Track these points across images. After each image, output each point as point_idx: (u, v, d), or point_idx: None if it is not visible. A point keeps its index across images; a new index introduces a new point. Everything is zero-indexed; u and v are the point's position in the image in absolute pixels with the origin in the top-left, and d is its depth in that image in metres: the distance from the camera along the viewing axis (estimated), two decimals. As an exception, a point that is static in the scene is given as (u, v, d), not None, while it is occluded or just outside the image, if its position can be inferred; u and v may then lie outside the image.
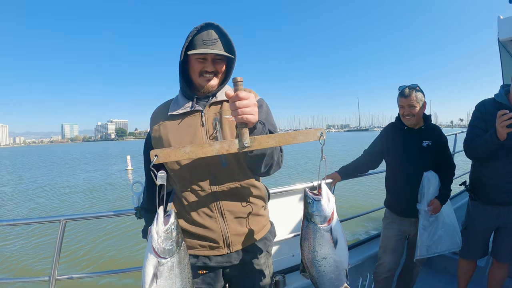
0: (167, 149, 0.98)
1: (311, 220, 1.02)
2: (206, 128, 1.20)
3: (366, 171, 2.41)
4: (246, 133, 0.99)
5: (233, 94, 0.96)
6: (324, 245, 1.02)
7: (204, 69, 1.18)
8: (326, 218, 1.00)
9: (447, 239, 2.13)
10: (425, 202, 2.07)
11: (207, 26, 1.17)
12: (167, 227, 0.91)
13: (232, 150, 0.99)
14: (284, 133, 1.01)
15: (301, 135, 1.02)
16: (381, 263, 2.27)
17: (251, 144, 0.99)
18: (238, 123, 0.98)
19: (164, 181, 0.98)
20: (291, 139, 1.01)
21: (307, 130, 1.03)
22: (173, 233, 0.92)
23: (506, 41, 2.72)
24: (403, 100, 2.11)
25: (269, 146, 1.02)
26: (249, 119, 0.96)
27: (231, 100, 0.96)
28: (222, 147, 0.99)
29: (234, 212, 1.21)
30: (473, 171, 2.16)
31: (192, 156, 0.99)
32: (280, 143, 1.01)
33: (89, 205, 10.74)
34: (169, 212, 0.95)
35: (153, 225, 0.91)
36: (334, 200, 1.03)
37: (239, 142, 0.99)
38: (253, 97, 0.99)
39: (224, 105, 1.24)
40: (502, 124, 1.68)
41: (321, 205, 1.00)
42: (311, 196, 1.02)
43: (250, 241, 1.24)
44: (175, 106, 1.26)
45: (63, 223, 1.65)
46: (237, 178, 1.21)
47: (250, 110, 0.96)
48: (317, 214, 1.01)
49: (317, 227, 1.01)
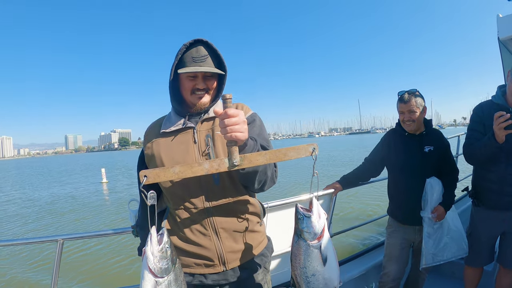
0: (156, 170, 0.98)
1: (301, 236, 1.01)
2: (199, 144, 1.20)
3: (367, 179, 2.38)
4: (236, 151, 0.98)
5: (222, 112, 0.95)
6: (313, 262, 1.00)
7: (196, 86, 1.18)
8: (316, 235, 0.99)
9: (453, 245, 2.08)
10: (428, 209, 2.03)
11: (196, 43, 1.17)
12: (161, 247, 0.92)
13: (222, 169, 0.99)
14: (275, 150, 1.01)
15: (292, 151, 1.01)
16: (385, 272, 2.22)
17: (241, 162, 0.98)
18: (228, 141, 0.97)
19: (155, 201, 0.99)
20: (282, 156, 1.00)
21: (299, 146, 1.02)
22: (167, 252, 0.93)
23: (506, 39, 2.65)
24: (402, 105, 2.08)
25: (259, 164, 1.01)
26: (238, 136, 0.95)
27: (220, 118, 0.96)
28: (211, 166, 0.99)
29: (228, 229, 1.19)
30: (475, 176, 2.11)
31: (181, 176, 0.99)
32: (271, 160, 1.00)
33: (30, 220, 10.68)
34: (162, 231, 0.95)
35: (147, 246, 0.91)
36: (325, 217, 1.02)
37: (229, 161, 0.98)
38: (242, 114, 0.98)
39: (216, 121, 1.23)
40: (500, 126, 1.65)
41: (311, 221, 0.99)
42: (301, 212, 1.01)
43: (246, 258, 1.23)
44: (167, 124, 1.26)
45: (61, 242, 1.64)
46: (230, 195, 1.20)
47: (239, 128, 0.95)
48: (306, 230, 0.99)
49: (307, 243, 1.00)
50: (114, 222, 9.46)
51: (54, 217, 10.92)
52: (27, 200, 15.63)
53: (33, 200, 15.25)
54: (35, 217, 11.09)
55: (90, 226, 9.33)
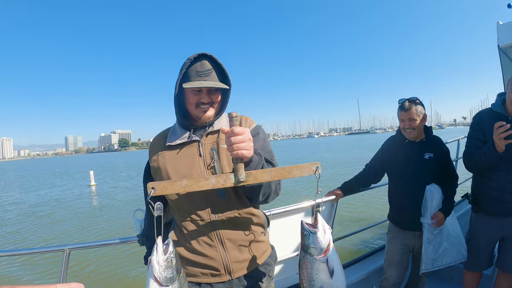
0: (164, 182, 1.01)
1: (308, 252, 1.04)
2: (204, 158, 1.22)
3: (368, 185, 2.41)
4: (242, 168, 1.01)
5: (228, 130, 0.98)
6: (320, 275, 1.03)
7: (200, 100, 1.20)
8: (322, 250, 1.02)
9: (452, 251, 2.12)
10: (428, 216, 2.06)
11: (200, 57, 1.18)
12: (167, 256, 0.94)
13: (227, 184, 1.02)
14: (279, 168, 1.04)
15: (296, 169, 1.05)
16: (386, 277, 2.26)
17: (247, 179, 1.01)
18: (234, 158, 1.00)
19: (161, 212, 1.01)
20: (287, 173, 1.04)
21: (303, 165, 1.05)
22: (173, 262, 0.95)
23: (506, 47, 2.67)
24: (403, 113, 2.11)
25: (264, 181, 1.04)
26: (244, 154, 0.98)
27: (227, 136, 0.98)
28: (217, 182, 1.02)
29: (233, 240, 1.23)
30: (474, 183, 2.14)
31: (188, 189, 1.02)
32: (276, 177, 1.04)
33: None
34: (167, 241, 0.98)
35: (153, 255, 0.93)
36: (331, 232, 1.05)
37: (235, 177, 1.01)
38: (248, 132, 1.01)
39: (221, 134, 1.25)
40: (500, 136, 1.68)
41: (317, 237, 1.02)
42: (307, 229, 1.04)
43: (251, 267, 1.26)
44: (172, 137, 1.27)
45: (67, 252, 1.65)
46: (235, 207, 1.23)
47: (245, 146, 0.98)
48: (313, 246, 1.02)
49: (314, 258, 1.03)
50: (92, 226, 9.47)
51: (33, 220, 10.97)
52: (12, 203, 15.62)
53: (18, 203, 15.23)
54: (14, 220, 11.12)
55: (66, 230, 9.30)
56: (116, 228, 9.25)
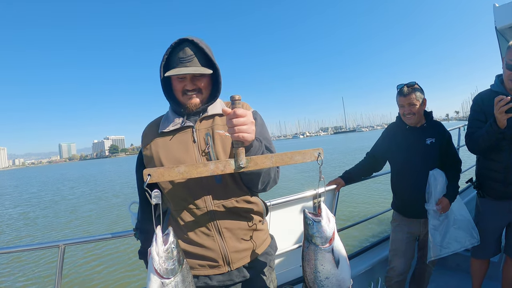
0: (161, 169, 0.96)
1: (312, 241, 0.99)
2: (198, 144, 1.18)
3: (370, 174, 2.36)
4: (242, 153, 0.96)
5: (230, 111, 0.94)
6: (326, 266, 0.98)
7: (185, 88, 1.16)
8: (327, 239, 0.97)
9: (462, 235, 2.06)
10: (433, 202, 2.01)
11: (182, 42, 1.14)
12: (167, 247, 0.89)
13: (227, 170, 0.97)
14: (281, 153, 0.99)
15: (298, 155, 1.00)
16: (392, 267, 2.21)
17: (247, 164, 0.97)
18: (234, 142, 0.96)
19: (159, 200, 0.96)
20: (288, 159, 0.99)
21: (305, 150, 1.01)
22: (173, 252, 0.90)
23: (503, 29, 2.63)
24: (402, 99, 2.06)
25: (265, 166, 0.99)
26: (246, 137, 0.94)
27: (228, 117, 0.94)
28: (217, 167, 0.97)
29: (231, 229, 1.18)
30: (478, 166, 2.10)
31: (186, 176, 0.97)
32: (277, 163, 0.99)
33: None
34: (168, 231, 0.93)
35: (153, 246, 0.88)
36: (335, 220, 0.99)
37: (235, 163, 0.96)
38: (251, 115, 0.97)
39: (216, 120, 1.22)
40: (500, 110, 1.64)
41: (321, 226, 0.96)
42: (310, 218, 0.98)
43: (251, 257, 1.21)
44: (165, 123, 1.23)
45: (62, 248, 1.61)
46: (232, 195, 1.18)
47: (247, 128, 0.94)
48: (317, 235, 0.97)
49: (318, 248, 0.98)
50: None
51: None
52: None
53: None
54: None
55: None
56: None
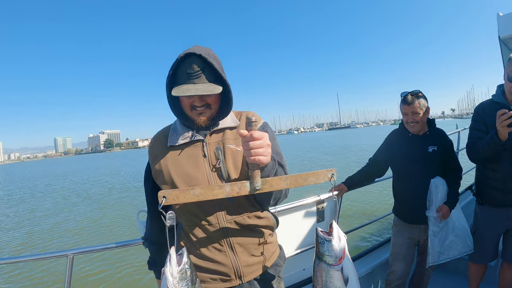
0: (176, 191, 0.97)
1: (322, 259, 1.02)
2: (209, 158, 1.16)
3: (372, 179, 2.40)
4: (258, 175, 0.97)
5: (247, 134, 0.93)
6: (335, 283, 1.01)
7: (193, 103, 1.13)
8: (337, 257, 1.00)
9: (459, 243, 2.12)
10: (433, 209, 2.05)
11: (189, 56, 1.09)
12: (181, 268, 0.91)
13: (242, 192, 0.98)
14: (295, 175, 1.01)
15: (312, 176, 1.02)
16: (392, 270, 2.27)
17: (262, 186, 0.98)
18: (250, 164, 0.96)
19: (174, 222, 0.97)
20: (302, 181, 1.01)
21: (318, 171, 1.03)
22: (187, 273, 0.92)
23: (507, 38, 2.64)
24: (406, 107, 2.09)
25: (280, 188, 1.01)
26: (262, 160, 0.94)
27: (244, 140, 0.93)
28: (232, 190, 0.98)
29: (243, 244, 1.19)
30: (478, 174, 2.14)
31: (202, 198, 0.98)
32: (291, 185, 1.01)
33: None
34: (181, 251, 0.94)
35: (167, 267, 0.90)
36: (346, 239, 1.03)
37: (250, 185, 0.97)
38: (267, 137, 0.96)
39: (226, 133, 1.20)
40: (502, 124, 1.66)
41: (332, 245, 0.99)
42: (322, 236, 1.01)
43: (262, 270, 1.24)
44: (174, 136, 1.21)
45: (71, 257, 1.60)
46: (244, 211, 1.19)
47: (263, 151, 0.94)
48: (328, 254, 1.00)
49: (328, 266, 1.01)
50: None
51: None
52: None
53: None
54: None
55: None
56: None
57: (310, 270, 2.23)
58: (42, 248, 8.17)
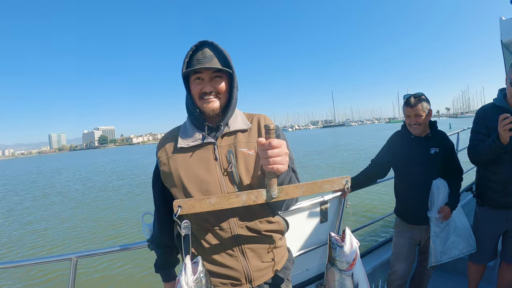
0: (191, 200, 0.97)
1: (334, 264, 1.03)
2: (220, 162, 1.15)
3: (374, 181, 2.42)
4: (275, 184, 0.97)
5: (265, 142, 0.92)
6: None
7: (203, 90, 1.14)
8: (348, 263, 1.02)
9: (460, 242, 2.15)
10: (435, 210, 2.09)
11: (202, 45, 1.14)
12: (197, 277, 0.90)
13: (259, 201, 0.98)
14: (311, 183, 1.01)
15: (327, 184, 1.03)
16: (394, 270, 2.30)
17: (279, 195, 0.98)
18: (267, 173, 0.96)
19: (189, 231, 0.97)
20: (318, 188, 1.02)
21: (333, 178, 1.04)
22: (202, 281, 0.92)
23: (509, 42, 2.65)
24: (409, 109, 2.11)
25: (296, 196, 1.01)
26: (280, 169, 0.94)
27: (263, 148, 0.93)
28: (249, 198, 0.98)
29: (254, 249, 1.19)
30: (478, 176, 2.17)
31: (218, 207, 0.97)
32: (307, 193, 1.01)
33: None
34: (196, 260, 0.94)
35: (182, 276, 0.90)
36: (358, 245, 1.04)
37: (267, 193, 0.97)
38: (285, 145, 0.96)
39: (238, 136, 1.20)
40: (504, 128, 1.69)
41: (343, 251, 1.01)
42: (335, 242, 1.03)
43: (272, 274, 1.24)
44: (184, 138, 1.21)
45: (74, 261, 1.58)
46: (256, 216, 1.19)
47: (281, 160, 0.93)
48: (339, 259, 1.02)
49: (339, 271, 1.03)
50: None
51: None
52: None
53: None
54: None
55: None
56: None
57: (313, 270, 2.25)
58: (46, 251, 7.96)
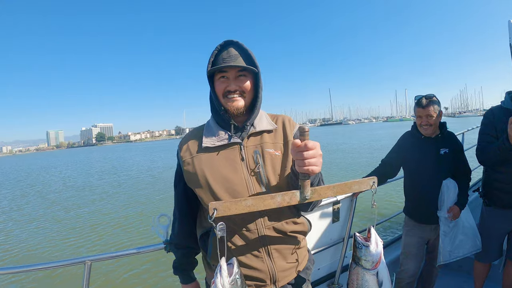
0: (227, 203, 0.97)
1: (359, 263, 1.06)
2: (247, 162, 1.14)
3: (385, 181, 2.44)
4: (308, 185, 0.98)
5: (301, 144, 0.92)
6: (369, 287, 1.06)
7: (227, 88, 1.14)
8: (374, 262, 1.04)
9: (468, 242, 2.20)
10: (445, 209, 2.12)
11: (227, 45, 1.15)
12: (232, 278, 0.90)
13: (292, 202, 1.00)
14: (341, 184, 1.03)
15: (355, 184, 1.06)
16: (403, 269, 2.34)
17: (311, 196, 1.00)
18: (301, 174, 0.96)
19: (224, 233, 0.96)
20: (348, 189, 1.05)
21: (361, 180, 1.06)
22: (238, 283, 0.91)
23: None
24: (420, 110, 2.14)
25: (327, 196, 1.03)
26: (314, 170, 0.94)
27: (298, 150, 0.93)
28: (283, 200, 0.99)
29: (280, 249, 1.19)
30: (485, 176, 2.21)
31: (253, 209, 0.98)
32: (338, 193, 1.04)
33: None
34: (231, 261, 0.94)
35: (217, 278, 0.89)
36: (382, 244, 1.06)
37: (301, 194, 0.99)
38: (319, 147, 0.96)
39: (264, 137, 1.19)
40: None
41: (369, 250, 1.04)
42: (360, 241, 1.06)
43: (295, 274, 1.25)
44: (209, 137, 1.19)
45: (88, 264, 1.54)
46: (283, 217, 1.19)
47: (316, 161, 0.93)
48: (364, 258, 1.04)
49: (364, 270, 1.05)
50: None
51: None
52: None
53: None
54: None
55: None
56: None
57: (324, 269, 2.28)
58: (59, 255, 7.63)
